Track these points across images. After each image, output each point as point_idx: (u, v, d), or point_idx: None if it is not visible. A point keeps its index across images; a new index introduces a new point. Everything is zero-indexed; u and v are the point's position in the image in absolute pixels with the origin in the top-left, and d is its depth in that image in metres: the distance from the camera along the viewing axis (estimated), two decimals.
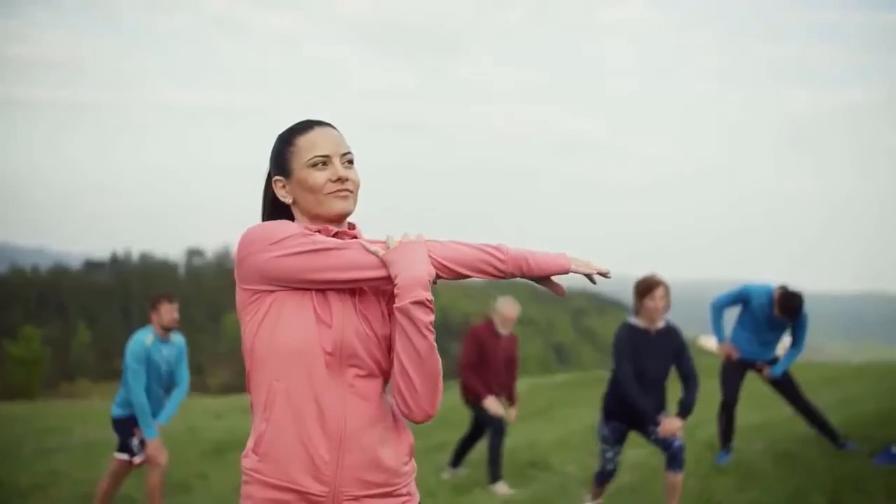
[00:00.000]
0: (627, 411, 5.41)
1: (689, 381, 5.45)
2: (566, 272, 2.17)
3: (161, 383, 6.23)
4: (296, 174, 2.15)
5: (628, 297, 5.73)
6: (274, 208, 2.23)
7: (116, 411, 6.24)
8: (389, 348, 2.13)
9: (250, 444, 2.11)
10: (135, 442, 6.13)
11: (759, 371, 7.07)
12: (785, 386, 7.08)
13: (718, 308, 7.07)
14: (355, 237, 2.18)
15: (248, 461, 2.11)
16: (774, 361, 7.04)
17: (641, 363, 5.38)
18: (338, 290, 2.09)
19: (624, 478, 6.55)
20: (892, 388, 10.29)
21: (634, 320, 5.46)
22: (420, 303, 2.02)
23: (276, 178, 2.20)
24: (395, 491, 2.12)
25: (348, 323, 2.08)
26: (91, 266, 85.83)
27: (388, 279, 2.06)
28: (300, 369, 2.05)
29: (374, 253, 2.07)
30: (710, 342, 36.15)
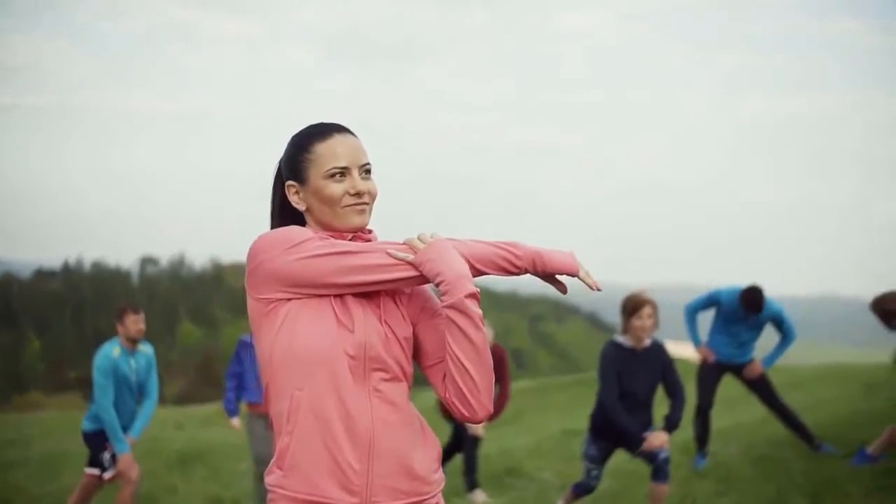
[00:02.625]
0: (614, 431, 5.37)
1: (676, 397, 5.41)
2: (575, 275, 2.13)
3: (132, 396, 6.08)
4: (312, 183, 2.06)
5: (586, 303, 5.70)
6: (284, 213, 2.15)
7: (87, 425, 6.08)
8: (410, 351, 2.07)
9: (273, 459, 2.02)
10: (106, 457, 5.97)
11: (739, 373, 7.07)
12: (762, 388, 7.10)
13: (691, 313, 7.08)
14: (370, 242, 2.10)
15: (272, 478, 2.02)
16: (751, 363, 7.04)
17: (629, 383, 5.32)
18: (357, 295, 2.01)
19: (603, 484, 6.49)
20: (858, 390, 10.39)
21: (621, 339, 5.39)
22: (473, 295, 1.97)
23: (290, 183, 2.11)
24: (424, 500, 2.05)
25: (370, 326, 2.01)
26: (42, 275, 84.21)
27: (418, 279, 2.00)
28: (323, 376, 1.97)
29: (398, 255, 2.00)
30: (680, 348, 36.27)
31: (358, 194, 2.04)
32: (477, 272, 2.05)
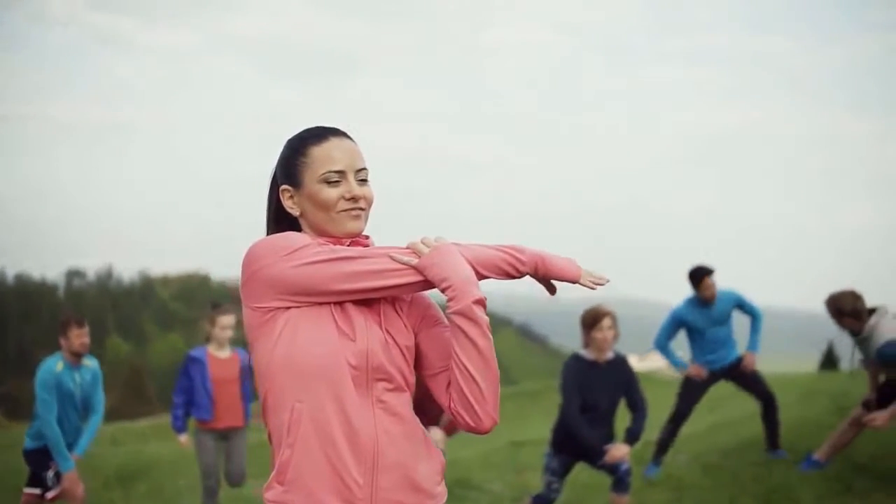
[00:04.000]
0: (576, 445, 5.36)
1: (638, 410, 5.44)
2: (576, 282, 2.08)
3: (76, 411, 5.88)
4: (307, 187, 2.00)
5: (518, 315, 5.70)
6: (279, 218, 2.08)
7: (29, 443, 5.86)
8: (412, 360, 2.02)
9: (273, 473, 1.93)
10: (50, 475, 5.75)
11: (732, 374, 7.08)
12: (755, 383, 7.09)
13: (663, 346, 7.12)
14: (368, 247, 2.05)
15: (272, 493, 1.93)
16: (740, 360, 7.06)
17: (592, 396, 5.32)
18: (357, 303, 1.95)
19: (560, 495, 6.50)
20: (796, 398, 10.59)
21: (583, 352, 5.40)
22: (480, 301, 1.91)
23: (285, 187, 2.04)
24: None
25: (372, 335, 1.94)
26: None
27: (422, 284, 1.94)
28: (325, 387, 1.88)
29: (402, 259, 1.95)
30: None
31: (353, 199, 1.99)
32: (481, 277, 2.00)
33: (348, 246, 2.00)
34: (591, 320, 5.32)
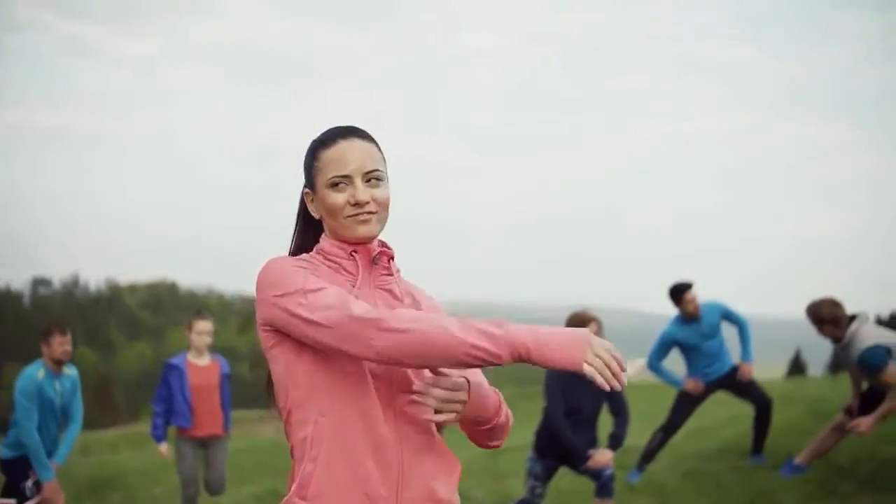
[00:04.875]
0: (559, 449, 5.38)
1: (621, 415, 5.47)
2: (578, 372, 1.71)
3: (55, 420, 5.81)
4: (319, 192, 1.97)
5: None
6: (306, 221, 2.07)
7: (6, 453, 5.76)
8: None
9: (294, 488, 1.89)
10: (28, 484, 5.67)
11: (728, 384, 7.11)
12: (752, 390, 7.11)
13: (656, 367, 7.17)
14: (392, 258, 2.03)
15: None
16: (735, 369, 7.08)
17: (575, 400, 5.34)
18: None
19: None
20: (776, 404, 10.65)
21: None
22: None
23: (306, 191, 2.03)
24: None
25: None
26: None
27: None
28: (347, 400, 1.86)
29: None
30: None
31: (358, 204, 1.93)
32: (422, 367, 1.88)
33: (380, 251, 1.99)
34: (577, 325, 5.34)
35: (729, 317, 7.09)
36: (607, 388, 1.69)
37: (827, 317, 5.82)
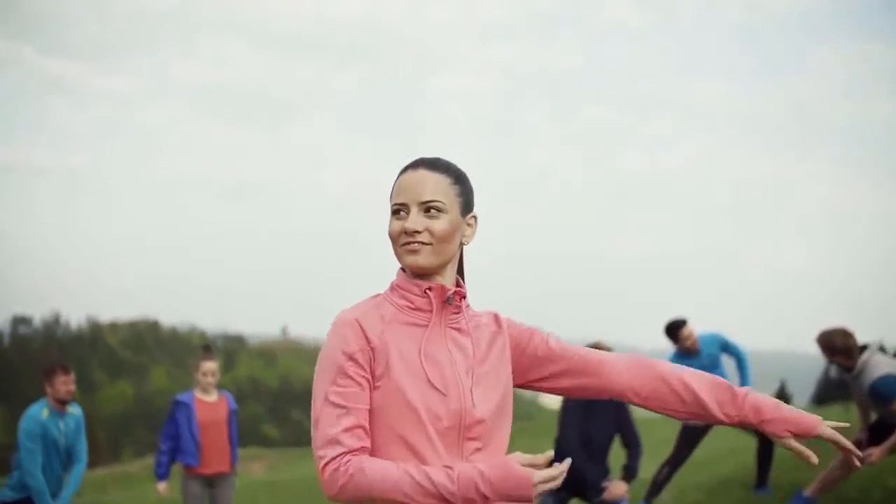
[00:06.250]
0: (572, 480, 5.35)
1: (633, 446, 5.48)
2: None
3: (59, 460, 5.75)
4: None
5: None
6: None
7: (9, 494, 5.70)
8: (509, 417, 1.96)
9: None
10: None
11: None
12: None
13: None
14: (464, 296, 1.99)
15: None
16: None
17: (587, 431, 5.35)
18: (447, 351, 1.91)
19: None
20: None
21: None
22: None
23: None
24: None
25: (466, 390, 1.87)
26: None
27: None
28: (409, 446, 1.82)
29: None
30: (547, 399, 36.62)
31: (407, 232, 1.90)
32: None
33: (454, 291, 1.95)
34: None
35: (726, 348, 7.11)
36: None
37: (840, 347, 5.79)
